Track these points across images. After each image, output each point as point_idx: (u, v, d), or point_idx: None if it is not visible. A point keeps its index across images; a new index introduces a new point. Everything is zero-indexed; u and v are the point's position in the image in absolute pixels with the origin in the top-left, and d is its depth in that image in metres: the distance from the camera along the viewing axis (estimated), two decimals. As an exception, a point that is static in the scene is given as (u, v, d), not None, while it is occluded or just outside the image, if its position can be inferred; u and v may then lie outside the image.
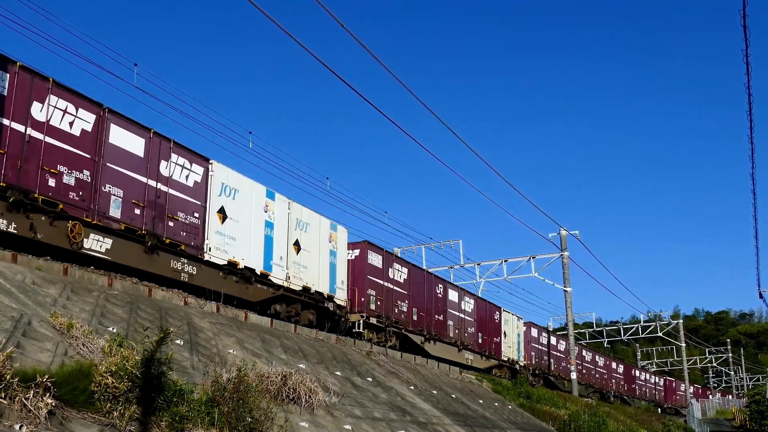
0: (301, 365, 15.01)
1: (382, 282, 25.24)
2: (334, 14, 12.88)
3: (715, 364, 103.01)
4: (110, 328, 11.01)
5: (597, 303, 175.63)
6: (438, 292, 30.35)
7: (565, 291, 42.09)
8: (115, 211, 14.90)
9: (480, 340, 33.67)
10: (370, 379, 17.93)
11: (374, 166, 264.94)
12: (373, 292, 24.44)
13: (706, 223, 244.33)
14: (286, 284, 20.02)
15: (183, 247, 16.49)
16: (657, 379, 71.75)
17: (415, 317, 27.60)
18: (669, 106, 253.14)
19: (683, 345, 70.82)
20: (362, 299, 23.63)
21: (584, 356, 51.82)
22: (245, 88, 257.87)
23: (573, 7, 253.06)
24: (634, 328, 70.93)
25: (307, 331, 19.54)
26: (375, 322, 24.17)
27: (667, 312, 73.23)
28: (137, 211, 15.44)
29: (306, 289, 20.91)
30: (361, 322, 23.34)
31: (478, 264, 45.97)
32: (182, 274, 16.53)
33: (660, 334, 69.04)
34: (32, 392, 6.98)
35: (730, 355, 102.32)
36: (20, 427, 6.57)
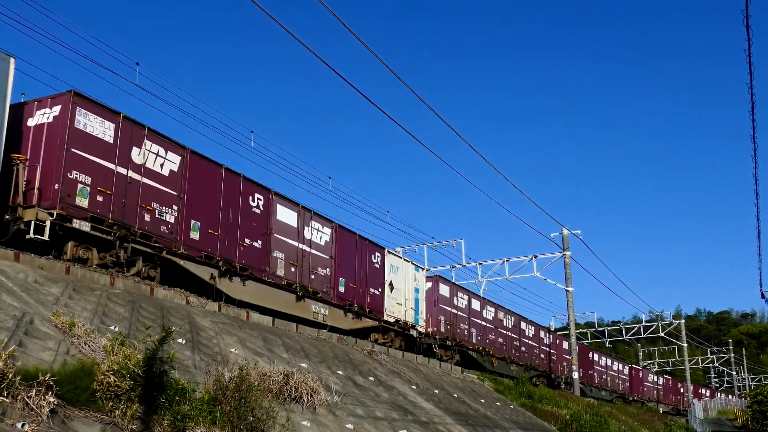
0: (303, 364, 15.01)
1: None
2: (336, 13, 12.87)
3: (716, 364, 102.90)
4: (112, 327, 11.01)
5: (599, 303, 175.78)
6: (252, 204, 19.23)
7: (567, 291, 42.05)
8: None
9: (342, 289, 22.93)
10: (371, 378, 17.93)
11: (376, 166, 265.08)
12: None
13: (708, 223, 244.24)
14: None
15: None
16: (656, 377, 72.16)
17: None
18: (670, 106, 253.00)
19: (685, 345, 70.72)
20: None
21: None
22: (247, 88, 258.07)
23: (574, 7, 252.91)
24: (635, 328, 70.85)
25: (309, 330, 19.56)
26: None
27: (669, 312, 73.37)
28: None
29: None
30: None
31: (480, 264, 45.96)
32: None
33: (662, 334, 68.96)
34: (34, 391, 6.98)
35: (732, 355, 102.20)
36: (23, 425, 6.57)
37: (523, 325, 40.08)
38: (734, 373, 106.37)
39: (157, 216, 15.74)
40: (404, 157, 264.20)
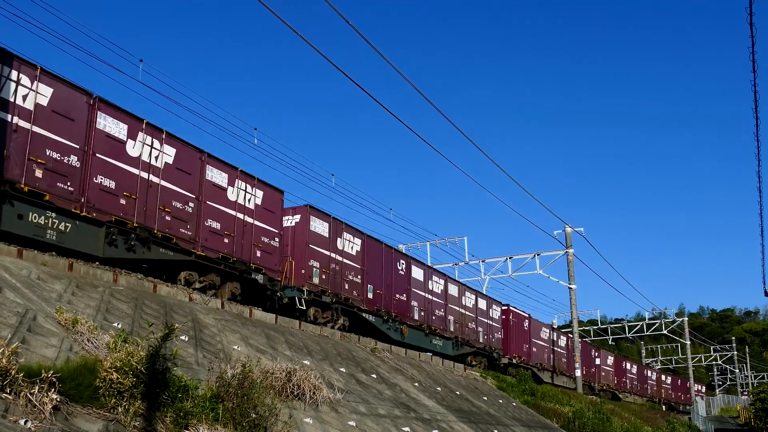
0: (306, 361, 15.01)
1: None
2: (341, 12, 12.85)
3: (720, 362, 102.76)
4: (115, 324, 11.02)
5: (602, 300, 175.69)
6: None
7: (570, 288, 42.02)
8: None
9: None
10: (374, 375, 17.93)
11: (379, 163, 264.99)
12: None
13: (712, 221, 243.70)
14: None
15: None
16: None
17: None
18: (674, 103, 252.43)
19: (688, 343, 70.66)
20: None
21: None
22: (250, 85, 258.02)
23: (574, 6, 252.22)
24: (638, 326, 70.82)
25: (312, 327, 19.55)
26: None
27: (672, 309, 73.05)
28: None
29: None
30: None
31: (483, 261, 45.98)
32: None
33: (665, 331, 68.92)
34: (37, 387, 6.98)
35: (735, 353, 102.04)
36: (25, 422, 6.58)
37: (455, 289, 31.24)
38: (737, 370, 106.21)
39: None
40: (407, 154, 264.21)
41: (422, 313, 27.77)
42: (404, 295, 26.74)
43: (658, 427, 37.14)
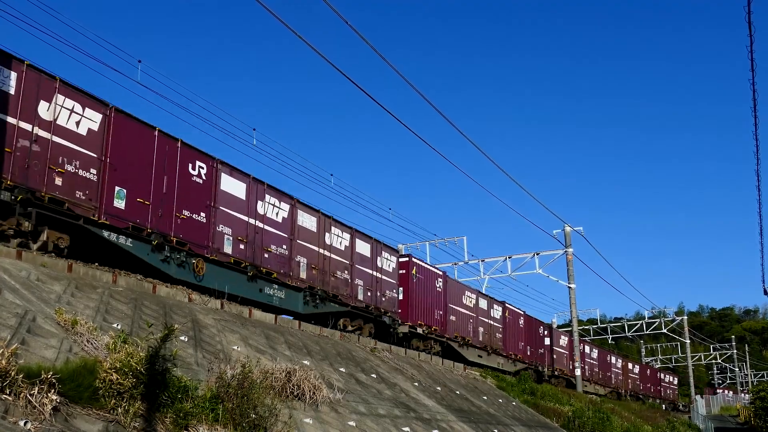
0: (306, 362, 15.01)
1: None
2: (341, 12, 12.85)
3: (719, 361, 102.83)
4: (115, 325, 11.02)
5: (601, 299, 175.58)
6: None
7: (570, 287, 42.04)
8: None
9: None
10: (374, 375, 17.94)
11: (379, 163, 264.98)
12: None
13: (711, 220, 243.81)
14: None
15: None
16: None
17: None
18: (673, 103, 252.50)
19: (687, 341, 70.72)
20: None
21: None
22: (250, 85, 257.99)
23: (579, 5, 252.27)
24: (638, 325, 70.87)
25: (311, 327, 19.57)
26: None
27: (672, 308, 73.17)
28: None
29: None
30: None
31: (483, 260, 45.99)
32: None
33: (664, 330, 68.98)
34: (37, 389, 6.98)
35: (735, 351, 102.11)
36: (25, 423, 6.57)
37: (311, 221, 21.71)
38: (737, 369, 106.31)
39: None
40: (407, 154, 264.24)
41: (242, 246, 18.34)
42: (202, 214, 17.20)
43: (658, 426, 37.16)
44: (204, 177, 17.39)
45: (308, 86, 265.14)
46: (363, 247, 24.41)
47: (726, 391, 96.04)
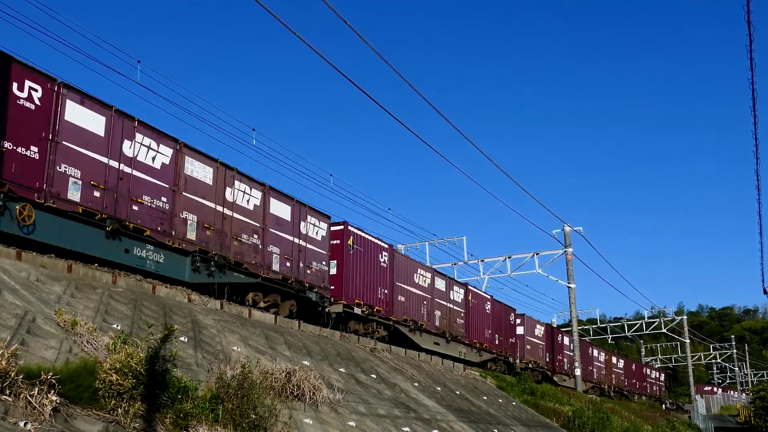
0: (305, 362, 15.02)
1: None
2: (341, 12, 12.85)
3: (719, 361, 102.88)
4: (114, 326, 11.02)
5: (601, 299, 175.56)
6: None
7: (569, 287, 42.05)
8: None
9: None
10: (374, 375, 17.94)
11: (378, 163, 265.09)
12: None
13: (711, 220, 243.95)
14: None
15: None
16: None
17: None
18: (672, 102, 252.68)
19: (687, 341, 70.74)
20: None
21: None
22: (250, 85, 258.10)
23: (579, 5, 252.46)
24: (638, 325, 70.89)
25: (312, 328, 19.57)
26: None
27: (671, 308, 73.19)
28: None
29: None
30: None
31: (482, 260, 46.01)
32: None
33: (664, 330, 69.01)
34: (37, 389, 6.98)
35: (735, 351, 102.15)
36: (25, 424, 6.57)
37: (205, 171, 17.64)
38: (737, 369, 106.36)
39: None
40: (407, 154, 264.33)
41: (96, 194, 14.60)
42: (33, 148, 13.41)
43: (658, 426, 37.18)
44: (38, 102, 13.51)
45: (308, 86, 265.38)
46: (280, 209, 20.21)
47: (716, 389, 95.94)
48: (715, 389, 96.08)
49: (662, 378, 75.23)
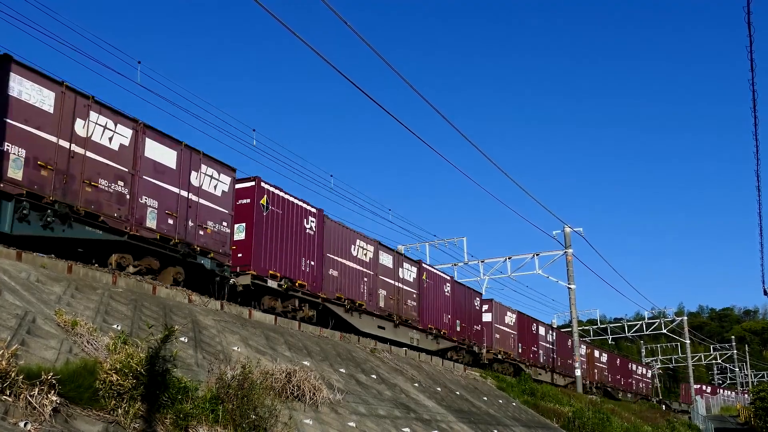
0: (306, 362, 15.02)
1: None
2: (341, 12, 12.86)
3: (719, 361, 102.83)
4: (115, 326, 11.02)
5: (601, 300, 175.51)
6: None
7: (569, 288, 42.05)
8: None
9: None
10: (374, 376, 17.94)
11: (378, 163, 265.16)
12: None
13: (711, 221, 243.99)
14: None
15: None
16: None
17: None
18: (672, 103, 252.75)
19: (687, 342, 70.70)
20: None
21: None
22: (250, 85, 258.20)
23: (579, 5, 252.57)
24: (638, 325, 70.87)
25: (312, 328, 19.56)
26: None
27: (672, 309, 73.12)
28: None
29: None
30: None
31: (483, 261, 46.00)
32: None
33: (664, 331, 68.97)
34: (37, 390, 6.98)
35: (735, 352, 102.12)
36: (25, 424, 6.58)
37: (161, 151, 16.62)
38: (737, 369, 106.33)
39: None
40: (407, 154, 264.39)
41: None
42: None
43: (658, 427, 37.17)
44: None
45: (308, 86, 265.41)
46: (161, 153, 16.42)
47: (706, 387, 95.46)
48: (704, 387, 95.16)
49: (649, 375, 71.75)
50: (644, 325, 69.69)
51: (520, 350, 39.09)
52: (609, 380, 55.69)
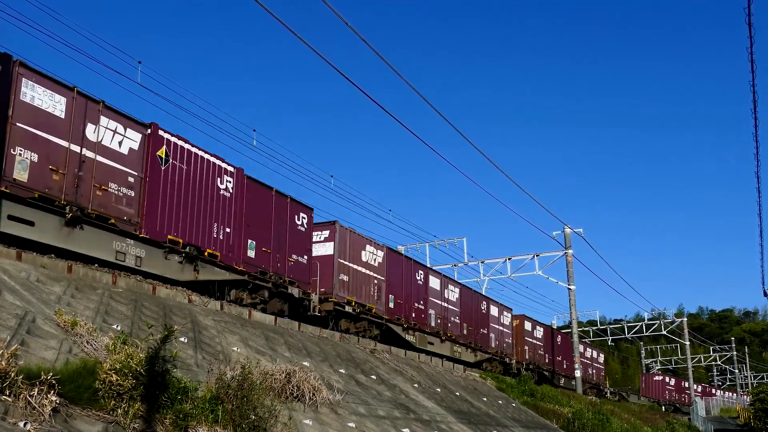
0: (305, 363, 15.01)
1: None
2: (341, 12, 12.85)
3: (719, 363, 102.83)
4: (114, 326, 11.01)
5: (601, 301, 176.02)
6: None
7: (569, 289, 42.04)
8: None
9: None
10: (374, 376, 17.93)
11: (378, 164, 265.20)
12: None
13: (711, 221, 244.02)
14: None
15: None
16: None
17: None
18: (672, 103, 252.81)
19: (687, 343, 70.68)
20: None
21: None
22: (250, 85, 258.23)
23: (579, 5, 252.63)
24: (638, 327, 70.86)
25: (311, 328, 19.55)
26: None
27: (671, 310, 73.11)
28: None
29: None
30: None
31: (482, 262, 46.00)
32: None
33: (664, 332, 68.97)
34: (37, 390, 6.98)
35: (735, 353, 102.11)
36: (25, 424, 6.57)
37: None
38: (737, 371, 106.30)
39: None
40: (407, 154, 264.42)
41: None
42: None
43: (658, 428, 37.16)
44: None
45: (308, 86, 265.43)
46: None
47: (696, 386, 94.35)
48: (696, 388, 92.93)
49: (601, 359, 58.56)
50: (644, 327, 69.67)
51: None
52: (546, 361, 43.70)
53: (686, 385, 74.67)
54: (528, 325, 41.50)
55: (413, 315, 27.12)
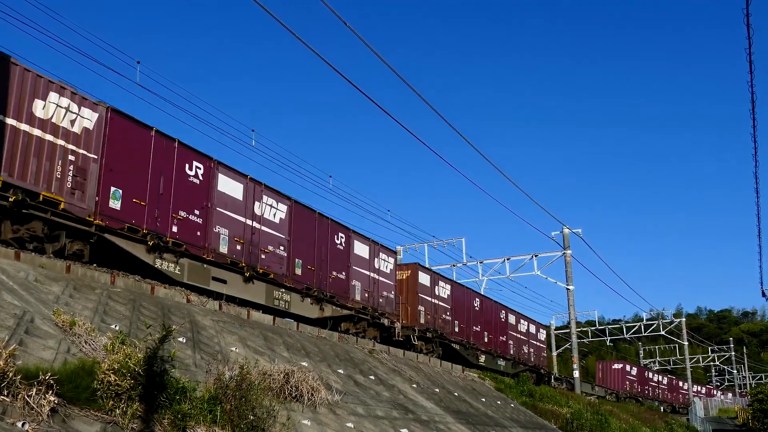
0: (304, 363, 15.01)
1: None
2: (340, 12, 12.86)
3: (717, 363, 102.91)
4: (113, 326, 11.01)
5: (600, 301, 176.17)
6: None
7: (568, 289, 42.06)
8: None
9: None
10: (372, 377, 17.93)
11: (378, 164, 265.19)
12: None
13: (710, 221, 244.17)
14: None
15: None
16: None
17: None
18: (671, 104, 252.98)
19: (686, 343, 70.78)
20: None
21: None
22: (249, 85, 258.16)
23: (579, 5, 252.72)
24: (636, 327, 70.91)
25: (310, 329, 19.55)
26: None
27: (670, 310, 73.19)
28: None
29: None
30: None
31: (481, 262, 46.02)
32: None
33: (663, 332, 69.02)
34: (35, 390, 6.98)
35: (733, 353, 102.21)
36: (23, 424, 6.57)
37: None
38: (735, 371, 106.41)
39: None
40: (406, 155, 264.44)
41: None
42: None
43: (657, 429, 37.18)
44: None
45: (308, 86, 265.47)
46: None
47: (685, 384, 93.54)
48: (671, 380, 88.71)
49: (542, 336, 45.00)
50: (642, 327, 69.71)
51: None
52: (455, 330, 31.49)
53: (649, 376, 67.75)
54: (425, 278, 29.00)
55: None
